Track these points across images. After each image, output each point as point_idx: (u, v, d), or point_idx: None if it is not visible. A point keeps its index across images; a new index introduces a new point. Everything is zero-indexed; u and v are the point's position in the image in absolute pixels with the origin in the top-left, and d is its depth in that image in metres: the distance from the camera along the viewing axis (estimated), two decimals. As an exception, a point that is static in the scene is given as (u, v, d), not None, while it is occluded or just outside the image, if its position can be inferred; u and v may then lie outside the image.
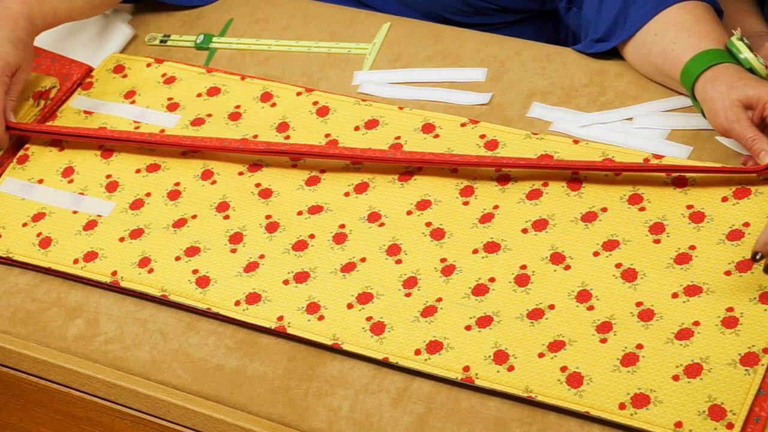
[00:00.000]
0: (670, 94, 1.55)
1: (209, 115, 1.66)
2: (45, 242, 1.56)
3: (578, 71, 1.61)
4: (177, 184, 1.58)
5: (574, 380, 1.30)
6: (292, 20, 1.78)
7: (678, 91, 1.54)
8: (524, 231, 1.43)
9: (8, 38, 1.61)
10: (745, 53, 1.46)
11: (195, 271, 1.48)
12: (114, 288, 1.51)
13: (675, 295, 1.34)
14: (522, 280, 1.39)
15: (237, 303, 1.44)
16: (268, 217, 1.52)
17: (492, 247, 1.43)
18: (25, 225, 1.58)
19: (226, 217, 1.53)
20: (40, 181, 1.63)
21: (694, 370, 1.27)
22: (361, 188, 1.52)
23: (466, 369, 1.33)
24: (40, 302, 1.52)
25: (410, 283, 1.42)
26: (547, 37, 1.84)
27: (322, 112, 1.62)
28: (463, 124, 1.57)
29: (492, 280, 1.40)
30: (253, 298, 1.44)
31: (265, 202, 1.54)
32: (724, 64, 1.44)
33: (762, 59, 1.48)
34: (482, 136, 1.55)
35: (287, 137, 1.60)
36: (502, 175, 1.50)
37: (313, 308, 1.42)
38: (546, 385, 1.30)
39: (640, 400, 1.26)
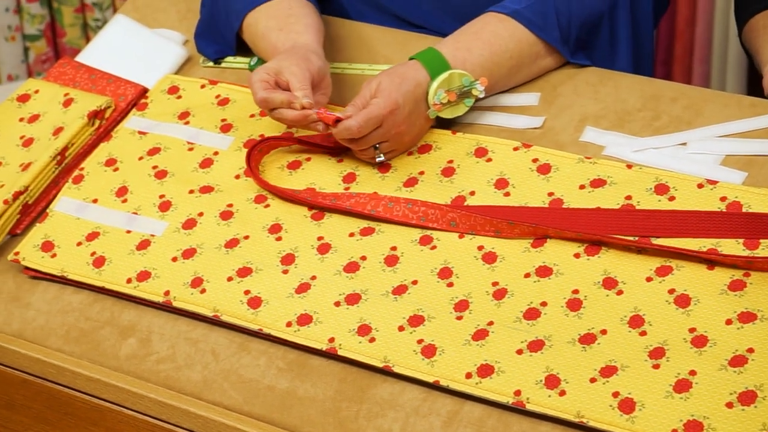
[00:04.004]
0: (725, 119, 1.55)
1: (261, 136, 1.67)
2: (99, 261, 1.57)
3: (632, 96, 1.61)
4: (230, 205, 1.59)
5: (627, 406, 1.29)
6: (345, 43, 1.79)
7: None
8: (576, 256, 1.43)
9: (303, 56, 1.61)
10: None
11: (247, 292, 1.49)
12: (166, 308, 1.52)
13: (729, 322, 1.33)
14: (574, 304, 1.39)
15: (288, 324, 1.45)
16: (320, 238, 1.52)
17: (544, 272, 1.42)
18: (79, 244, 1.60)
19: (279, 239, 1.53)
20: (95, 201, 1.64)
21: (748, 398, 1.26)
22: (413, 211, 1.53)
23: (518, 393, 1.33)
24: (94, 321, 1.53)
25: (462, 306, 1.42)
26: None
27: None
28: (515, 148, 1.57)
29: (544, 304, 1.40)
30: (305, 320, 1.45)
31: (317, 223, 1.54)
32: None
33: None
34: (535, 160, 1.55)
35: (340, 160, 1.61)
36: (554, 200, 1.49)
37: (364, 330, 1.42)
38: (598, 410, 1.29)
39: (693, 427, 1.25)
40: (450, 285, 1.44)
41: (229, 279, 1.51)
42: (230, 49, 1.80)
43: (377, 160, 1.57)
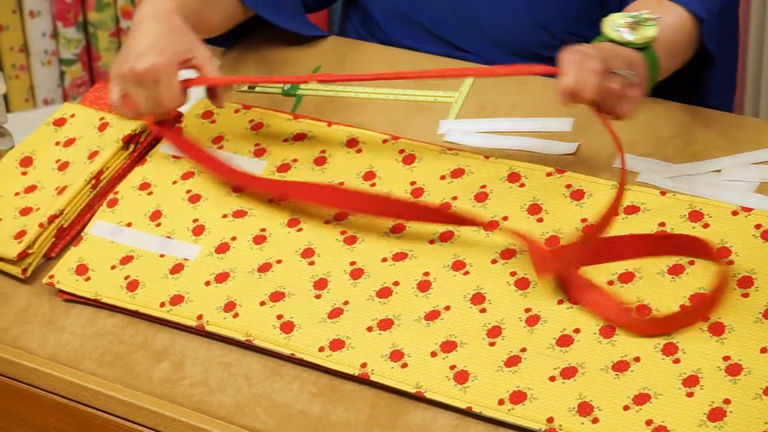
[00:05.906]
0: (760, 146, 1.54)
1: (295, 161, 1.67)
2: (132, 285, 1.58)
3: (666, 122, 1.61)
4: (263, 229, 1.59)
5: (660, 434, 1.28)
6: (379, 68, 1.80)
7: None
8: (610, 283, 1.43)
9: (169, 30, 1.63)
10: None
11: (279, 317, 1.49)
12: (199, 332, 1.52)
13: (764, 350, 1.32)
14: (607, 331, 1.39)
15: (321, 349, 1.45)
16: (352, 263, 1.53)
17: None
18: (113, 268, 1.61)
19: (311, 263, 1.54)
20: (129, 225, 1.65)
21: (783, 427, 1.26)
22: (446, 236, 1.53)
23: (550, 420, 1.32)
24: (128, 344, 1.54)
25: (494, 332, 1.42)
26: None
27: (408, 159, 1.63)
28: (549, 174, 1.57)
29: (577, 331, 1.39)
30: (337, 345, 1.45)
31: (350, 248, 1.54)
32: None
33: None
34: (568, 186, 1.54)
35: (373, 184, 1.61)
36: (587, 227, 1.49)
37: (396, 356, 1.42)
38: (631, 438, 1.29)
39: (728, 456, 1.25)
40: (483, 311, 1.44)
41: (262, 303, 1.51)
42: None
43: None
